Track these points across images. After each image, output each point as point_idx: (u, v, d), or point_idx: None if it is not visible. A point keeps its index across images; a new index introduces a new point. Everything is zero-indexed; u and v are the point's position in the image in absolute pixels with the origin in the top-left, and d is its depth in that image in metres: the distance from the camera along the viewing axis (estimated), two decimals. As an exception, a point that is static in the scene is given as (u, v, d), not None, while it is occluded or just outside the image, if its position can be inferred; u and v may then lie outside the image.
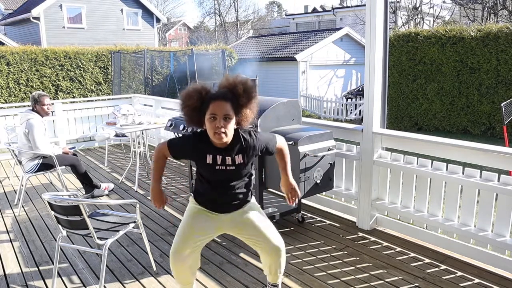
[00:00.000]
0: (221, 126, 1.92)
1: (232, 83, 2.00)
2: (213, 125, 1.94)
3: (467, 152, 2.98)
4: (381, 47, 3.39)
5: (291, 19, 34.33)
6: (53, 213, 2.58)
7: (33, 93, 4.46)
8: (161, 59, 15.37)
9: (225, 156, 2.04)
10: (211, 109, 1.94)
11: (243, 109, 2.01)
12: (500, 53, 10.68)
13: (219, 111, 1.92)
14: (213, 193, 2.16)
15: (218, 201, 2.19)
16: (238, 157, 2.06)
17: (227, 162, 2.05)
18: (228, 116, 1.94)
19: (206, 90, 2.00)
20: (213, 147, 2.04)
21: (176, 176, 5.54)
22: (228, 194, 2.16)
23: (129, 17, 22.75)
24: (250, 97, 2.01)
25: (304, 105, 17.70)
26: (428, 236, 3.33)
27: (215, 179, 2.12)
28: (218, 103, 1.93)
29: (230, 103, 1.96)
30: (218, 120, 1.92)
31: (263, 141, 2.15)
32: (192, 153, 2.09)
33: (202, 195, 2.20)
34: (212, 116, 1.93)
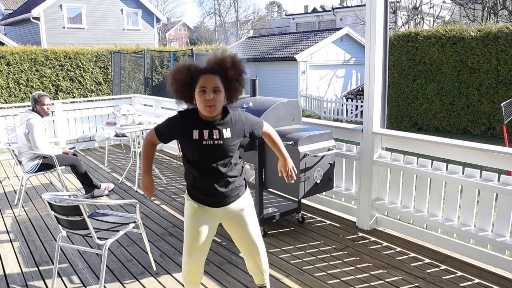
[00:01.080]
0: (211, 99, 1.95)
1: (220, 58, 2.02)
2: (203, 98, 1.96)
3: (467, 152, 2.98)
4: (381, 47, 3.39)
5: (291, 19, 34.33)
6: (53, 213, 2.58)
7: (33, 93, 4.46)
8: (161, 59, 15.37)
9: (212, 130, 2.04)
10: (201, 83, 1.96)
11: (232, 83, 2.03)
12: (500, 53, 10.68)
13: (208, 84, 1.96)
14: (204, 179, 2.11)
15: (206, 191, 2.14)
16: (225, 131, 2.06)
17: (214, 136, 2.04)
18: (218, 88, 1.97)
19: (195, 66, 2.03)
20: (199, 122, 2.04)
21: (176, 176, 5.54)
22: (216, 180, 2.11)
23: (129, 17, 22.75)
24: (239, 70, 2.04)
25: (304, 105, 17.70)
26: (428, 236, 3.33)
27: (202, 157, 2.08)
28: (207, 77, 1.97)
29: (219, 77, 1.99)
30: (207, 93, 1.95)
31: (250, 121, 2.18)
32: (178, 131, 2.08)
33: (194, 187, 2.17)
34: (201, 89, 1.96)
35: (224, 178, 2.12)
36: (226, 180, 2.12)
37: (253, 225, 2.27)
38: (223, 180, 2.12)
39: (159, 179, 5.35)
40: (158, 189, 4.99)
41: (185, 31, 43.81)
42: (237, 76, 2.04)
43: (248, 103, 3.58)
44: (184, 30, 43.92)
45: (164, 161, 6.38)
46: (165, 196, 4.70)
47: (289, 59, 18.60)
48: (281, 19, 42.84)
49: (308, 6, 39.20)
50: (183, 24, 44.00)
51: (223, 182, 2.12)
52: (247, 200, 2.27)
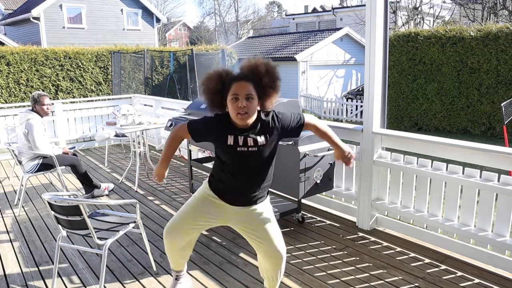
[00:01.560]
0: (243, 106, 1.90)
1: (253, 64, 1.98)
2: (235, 106, 1.91)
3: (467, 152, 2.98)
4: (381, 47, 3.39)
5: (291, 19, 34.33)
6: (53, 213, 2.58)
7: (33, 93, 4.46)
8: (161, 59, 15.37)
9: (247, 137, 1.99)
10: (233, 90, 1.92)
11: (266, 90, 1.98)
12: (500, 53, 10.68)
13: (241, 91, 1.91)
14: (232, 180, 2.09)
15: (234, 190, 2.11)
16: (260, 138, 2.01)
17: (249, 143, 1.99)
18: (251, 96, 1.92)
19: (227, 72, 1.99)
20: (234, 128, 2.00)
21: (176, 176, 5.54)
22: (247, 183, 2.09)
23: (129, 17, 22.76)
24: (273, 77, 1.99)
25: (304, 105, 17.70)
26: (428, 236, 3.33)
27: (236, 163, 2.05)
28: (240, 84, 1.92)
29: (252, 84, 1.94)
30: (240, 101, 1.91)
31: (286, 120, 2.08)
32: (213, 134, 2.04)
33: (219, 181, 2.14)
34: (234, 96, 1.92)
35: (255, 182, 2.10)
36: (255, 185, 2.11)
37: (271, 226, 2.20)
38: (254, 184, 2.10)
39: (159, 179, 5.34)
40: (158, 189, 4.99)
41: (185, 31, 43.81)
42: (271, 83, 1.98)
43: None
44: (184, 30, 43.92)
45: (164, 161, 6.37)
46: (165, 196, 4.70)
47: (289, 59, 18.61)
48: (281, 19, 42.84)
49: (308, 6, 39.24)
50: (183, 24, 43.99)
51: (253, 186, 2.10)
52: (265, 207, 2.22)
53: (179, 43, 40.38)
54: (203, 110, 3.94)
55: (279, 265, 2.24)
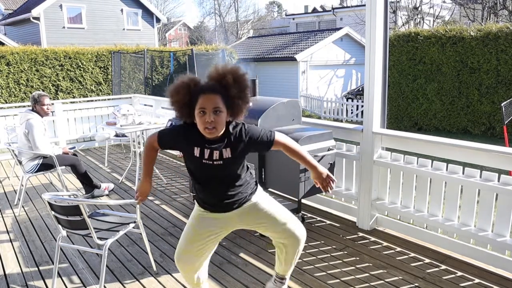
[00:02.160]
0: (210, 121, 1.84)
1: (221, 74, 1.88)
2: (202, 120, 1.85)
3: (467, 152, 2.98)
4: (381, 47, 3.39)
5: (291, 19, 34.33)
6: (53, 213, 2.58)
7: (33, 93, 4.46)
8: (161, 59, 15.37)
9: (213, 150, 1.93)
10: (200, 103, 1.84)
11: (235, 100, 1.90)
12: (500, 53, 10.68)
13: (208, 105, 1.83)
14: (205, 192, 2.07)
15: (212, 200, 2.07)
16: (226, 151, 1.94)
17: (214, 156, 1.94)
18: (218, 109, 1.84)
19: (194, 82, 1.90)
20: (202, 139, 1.94)
21: (176, 176, 5.54)
22: (219, 194, 2.04)
23: (129, 17, 22.76)
24: (241, 87, 1.90)
25: (304, 105, 17.71)
26: (428, 236, 3.32)
27: (203, 175, 2.02)
28: (207, 97, 1.84)
29: (220, 96, 1.85)
30: (207, 115, 1.83)
31: (254, 135, 1.99)
32: (181, 143, 2.00)
33: (198, 192, 2.11)
34: (201, 110, 1.84)
35: (225, 192, 2.04)
36: (228, 194, 2.05)
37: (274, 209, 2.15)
38: (224, 194, 2.04)
39: (159, 179, 5.35)
40: (158, 189, 4.99)
41: (185, 31, 43.81)
42: (240, 93, 1.90)
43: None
44: (184, 30, 43.92)
45: (164, 161, 6.38)
46: (165, 196, 4.70)
47: (289, 59, 18.61)
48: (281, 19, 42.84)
49: (308, 6, 39.24)
50: (183, 24, 44.00)
51: (224, 195, 2.04)
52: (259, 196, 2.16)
53: (179, 43, 40.39)
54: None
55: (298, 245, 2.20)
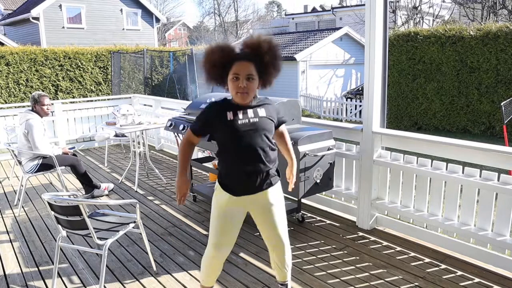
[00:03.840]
0: (243, 86, 1.94)
1: (256, 42, 1.99)
2: (235, 85, 1.95)
3: (467, 151, 2.98)
4: (380, 47, 3.39)
5: (291, 18, 34.33)
6: (53, 213, 2.58)
7: (33, 93, 4.46)
8: (160, 59, 15.37)
9: (246, 109, 2.04)
10: (234, 69, 1.95)
11: (268, 68, 2.01)
12: (500, 52, 10.68)
13: (242, 71, 1.94)
14: (240, 162, 2.06)
15: (244, 174, 2.07)
16: (260, 110, 2.07)
17: (249, 115, 2.03)
18: (251, 76, 1.96)
19: (229, 47, 2.00)
20: (232, 106, 2.04)
21: (176, 176, 5.53)
22: (255, 161, 2.05)
23: (129, 17, 22.74)
24: (275, 55, 2.01)
25: (304, 105, 17.70)
26: (428, 235, 3.33)
27: (240, 139, 2.02)
28: (241, 63, 1.95)
29: (254, 63, 1.97)
30: (240, 80, 1.94)
31: (277, 109, 2.20)
32: (213, 118, 2.05)
33: (228, 174, 2.12)
34: (235, 76, 1.95)
35: (260, 160, 2.05)
36: (262, 164, 2.06)
37: (281, 218, 2.23)
38: (259, 163, 2.05)
39: (159, 179, 5.35)
40: (158, 189, 4.99)
41: (185, 31, 43.80)
42: (273, 61, 2.01)
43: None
44: (184, 30, 43.90)
45: (164, 161, 6.38)
46: (165, 196, 4.70)
47: (288, 58, 18.60)
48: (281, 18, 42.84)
49: (307, 5, 39.21)
50: (183, 24, 43.98)
51: (258, 165, 2.06)
52: (278, 192, 2.23)
53: (179, 43, 40.37)
54: (203, 110, 3.94)
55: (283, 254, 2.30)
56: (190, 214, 4.13)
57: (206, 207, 4.30)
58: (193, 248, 3.39)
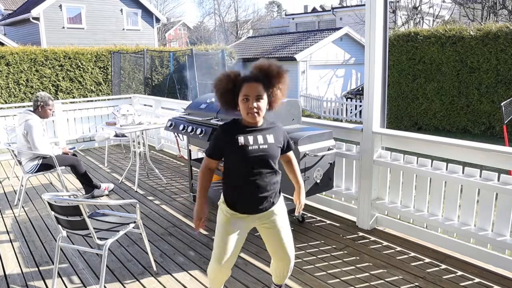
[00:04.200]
0: (254, 107, 2.02)
1: (266, 65, 2.10)
2: (246, 106, 2.03)
3: (467, 151, 2.98)
4: (380, 47, 3.39)
5: (291, 19, 34.34)
6: (53, 213, 2.58)
7: (42, 95, 4.45)
8: (160, 59, 15.38)
9: (256, 136, 2.10)
10: (244, 91, 2.03)
11: (274, 90, 2.10)
12: (500, 52, 10.68)
13: (252, 92, 2.02)
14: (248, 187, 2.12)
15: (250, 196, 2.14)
16: (269, 137, 2.13)
17: (259, 141, 2.10)
18: (260, 96, 2.04)
19: (234, 73, 2.11)
20: (243, 129, 2.11)
21: (176, 176, 5.54)
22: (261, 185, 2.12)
23: (129, 17, 22.75)
24: (283, 79, 2.11)
25: (304, 105, 17.70)
26: (428, 235, 3.33)
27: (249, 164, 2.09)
28: (251, 85, 2.03)
29: (262, 84, 2.05)
30: (251, 101, 2.02)
31: (286, 135, 2.27)
32: (227, 142, 2.11)
33: (233, 194, 2.19)
34: (245, 97, 2.03)
35: (267, 184, 2.14)
36: (269, 187, 2.15)
37: (285, 232, 2.28)
38: (266, 186, 2.14)
39: (159, 179, 5.35)
40: (158, 189, 4.99)
41: (185, 31, 43.79)
42: (280, 85, 2.11)
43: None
44: (184, 30, 43.90)
45: (164, 161, 6.39)
46: (165, 196, 4.70)
47: (288, 59, 18.60)
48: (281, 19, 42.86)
49: (307, 6, 39.23)
50: (183, 24, 43.97)
51: (265, 189, 2.14)
52: (281, 207, 2.29)
53: (179, 43, 40.36)
54: (203, 110, 3.94)
55: (288, 266, 2.35)
56: (190, 214, 4.13)
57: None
58: (193, 248, 3.39)
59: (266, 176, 2.13)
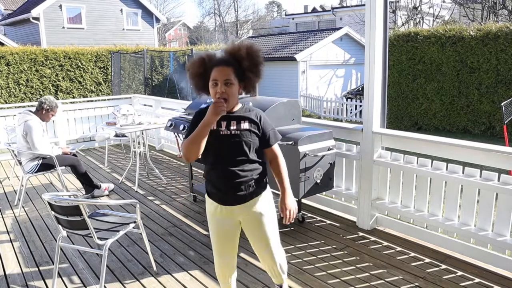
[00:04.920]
0: (221, 92, 1.93)
1: (235, 48, 2.00)
2: (214, 91, 1.96)
3: (467, 151, 2.98)
4: (380, 47, 3.39)
5: (291, 19, 34.35)
6: (53, 213, 2.58)
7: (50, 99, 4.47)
8: (161, 59, 15.38)
9: (229, 121, 2.01)
10: (213, 75, 1.96)
11: (247, 74, 2.00)
12: (500, 52, 10.68)
13: (220, 77, 1.94)
14: (218, 172, 2.05)
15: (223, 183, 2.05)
16: (244, 123, 2.03)
17: (232, 126, 2.01)
18: (229, 81, 1.95)
19: (209, 57, 2.02)
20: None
21: (176, 176, 5.54)
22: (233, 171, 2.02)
23: (129, 17, 22.75)
24: (254, 61, 2.00)
25: (304, 105, 17.70)
26: (428, 235, 3.33)
27: (220, 150, 2.01)
28: (219, 69, 1.95)
29: (232, 68, 1.96)
30: (219, 86, 1.94)
31: (268, 125, 2.11)
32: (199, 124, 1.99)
33: (208, 182, 2.12)
34: (214, 82, 1.96)
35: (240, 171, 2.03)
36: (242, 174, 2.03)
37: (268, 229, 2.18)
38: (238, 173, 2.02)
39: (159, 179, 5.35)
40: (158, 189, 4.99)
41: (185, 31, 43.81)
42: (252, 67, 2.00)
43: (248, 103, 3.58)
44: (184, 30, 43.91)
45: (164, 161, 6.39)
46: (165, 196, 4.70)
47: (288, 59, 18.60)
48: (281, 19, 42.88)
49: (307, 6, 39.24)
50: (183, 24, 43.99)
51: (237, 175, 2.03)
52: (266, 201, 2.17)
53: (179, 43, 40.37)
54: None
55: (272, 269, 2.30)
56: (190, 214, 4.13)
57: (206, 207, 4.30)
58: (193, 248, 3.39)
59: (239, 162, 2.02)
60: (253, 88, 2.08)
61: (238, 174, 2.03)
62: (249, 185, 2.07)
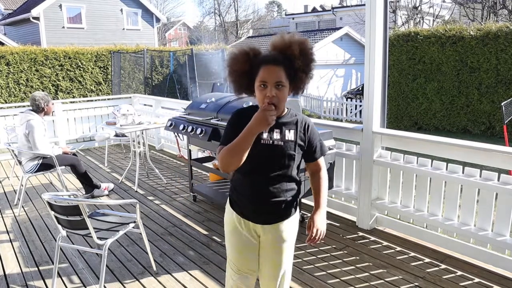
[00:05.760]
0: (272, 95, 1.64)
1: (287, 44, 1.70)
2: (263, 94, 1.66)
3: (467, 151, 2.98)
4: (380, 47, 3.39)
5: (291, 18, 34.35)
6: (53, 213, 2.58)
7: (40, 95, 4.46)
8: (161, 59, 15.37)
9: (273, 128, 1.71)
10: (261, 76, 1.66)
11: (299, 74, 1.71)
12: (500, 52, 10.68)
13: (270, 78, 1.64)
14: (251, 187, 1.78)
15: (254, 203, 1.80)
16: (289, 133, 1.75)
17: (274, 136, 1.72)
18: (281, 83, 1.65)
19: (254, 51, 1.72)
20: None
21: (176, 176, 5.54)
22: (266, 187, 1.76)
23: (129, 17, 22.76)
24: (308, 59, 1.72)
25: (304, 105, 17.70)
26: (428, 235, 3.32)
27: (257, 159, 1.72)
28: (269, 68, 1.65)
29: (283, 68, 1.67)
30: (269, 89, 1.64)
31: (315, 135, 1.84)
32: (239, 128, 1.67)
33: (238, 193, 1.84)
34: (262, 83, 1.66)
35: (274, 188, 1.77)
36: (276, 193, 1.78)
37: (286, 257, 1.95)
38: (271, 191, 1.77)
39: (159, 179, 5.35)
40: (158, 189, 4.99)
41: (185, 30, 43.80)
42: (305, 67, 1.71)
43: (248, 103, 3.58)
44: (184, 29, 43.90)
45: (164, 161, 6.38)
46: (165, 196, 4.70)
47: (289, 58, 18.57)
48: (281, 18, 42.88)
49: (307, 5, 39.28)
50: (183, 23, 43.99)
51: (270, 194, 1.77)
52: (292, 227, 1.94)
53: (179, 42, 40.36)
54: (203, 110, 3.94)
55: None
56: (190, 214, 4.13)
57: (206, 207, 4.30)
58: (193, 248, 3.39)
59: (276, 179, 1.76)
60: (303, 90, 1.79)
61: (273, 193, 1.78)
62: (280, 208, 1.83)
